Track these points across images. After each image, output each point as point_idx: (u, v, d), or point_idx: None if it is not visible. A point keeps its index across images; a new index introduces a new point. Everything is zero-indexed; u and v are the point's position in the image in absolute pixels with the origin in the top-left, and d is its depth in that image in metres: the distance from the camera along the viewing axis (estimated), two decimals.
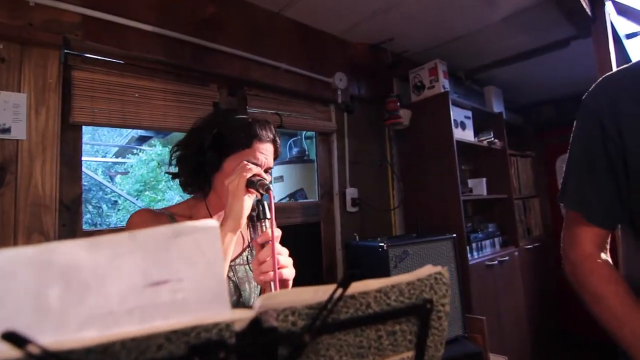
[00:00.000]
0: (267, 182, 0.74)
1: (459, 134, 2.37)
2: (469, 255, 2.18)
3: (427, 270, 0.41)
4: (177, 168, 0.95)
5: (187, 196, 1.01)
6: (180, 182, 0.95)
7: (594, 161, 0.68)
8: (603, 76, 0.71)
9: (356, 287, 0.38)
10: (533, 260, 2.84)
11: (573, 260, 0.73)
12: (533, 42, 2.39)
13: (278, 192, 2.70)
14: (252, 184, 0.76)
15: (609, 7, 1.97)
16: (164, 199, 3.90)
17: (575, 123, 0.74)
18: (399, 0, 1.84)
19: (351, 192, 2.13)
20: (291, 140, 2.81)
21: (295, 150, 2.73)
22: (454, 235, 1.90)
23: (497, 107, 2.88)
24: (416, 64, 2.47)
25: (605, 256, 0.71)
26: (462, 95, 2.57)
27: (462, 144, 2.38)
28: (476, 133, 2.63)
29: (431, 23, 2.08)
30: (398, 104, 2.22)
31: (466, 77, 2.74)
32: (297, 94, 1.99)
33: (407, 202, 2.41)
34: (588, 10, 1.89)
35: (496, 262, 2.34)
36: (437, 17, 2.02)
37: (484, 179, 2.59)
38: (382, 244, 1.62)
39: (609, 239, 0.73)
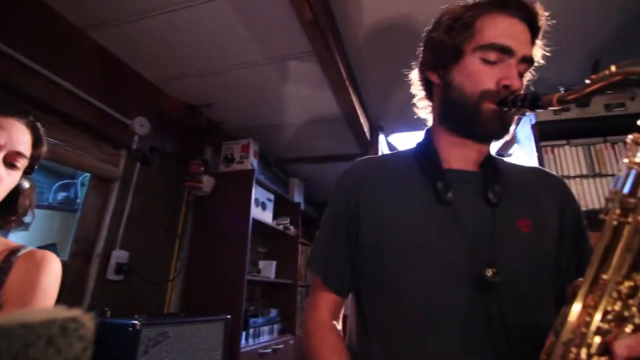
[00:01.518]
0: None
1: (258, 213, 2.41)
2: (243, 341, 2.03)
3: (48, 313, 0.26)
4: None
5: None
6: None
7: (338, 231, 0.72)
8: (357, 160, 0.80)
9: None
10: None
11: (309, 328, 0.71)
12: (331, 149, 2.83)
13: None
14: None
15: (382, 139, 2.57)
16: None
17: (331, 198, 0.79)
18: (222, 70, 1.88)
19: (119, 256, 1.75)
20: (60, 183, 2.23)
21: (61, 195, 2.16)
22: (228, 317, 1.74)
23: (298, 198, 3.15)
24: (231, 137, 2.51)
25: (337, 325, 0.72)
26: (268, 178, 2.70)
27: (260, 224, 2.42)
28: (275, 216, 2.74)
29: (250, 103, 2.20)
30: (202, 168, 2.12)
31: (275, 163, 2.95)
32: (78, 123, 1.63)
33: (190, 275, 2.15)
34: (367, 135, 2.40)
35: (270, 350, 2.25)
36: (255, 99, 2.15)
37: (274, 262, 2.63)
38: (134, 323, 1.30)
39: (343, 307, 0.75)
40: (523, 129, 1.51)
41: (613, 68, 0.44)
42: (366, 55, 1.77)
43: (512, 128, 0.64)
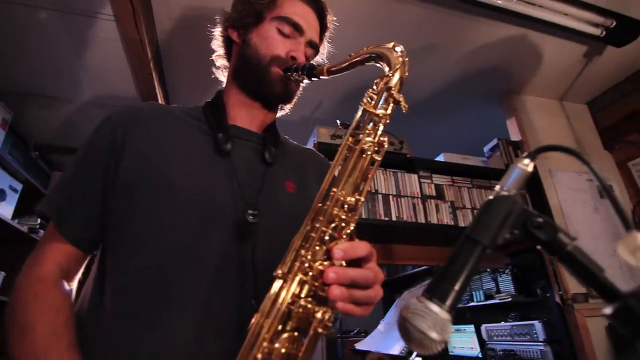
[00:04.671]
0: None
1: None
2: None
3: None
4: None
5: None
6: None
7: (92, 168, 0.60)
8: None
9: None
10: None
11: (19, 286, 0.52)
12: None
13: None
14: None
15: None
16: None
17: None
18: None
19: None
20: None
21: None
22: None
23: None
24: None
25: (67, 283, 0.56)
26: (19, 162, 2.06)
27: None
28: (20, 214, 2.08)
29: (11, 54, 1.65)
30: None
31: (37, 148, 2.30)
32: None
33: None
34: None
35: None
36: (18, 51, 1.63)
37: (3, 274, 1.94)
38: None
39: (82, 269, 0.60)
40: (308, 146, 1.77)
41: (365, 49, 0.56)
42: (178, 42, 1.68)
43: (294, 97, 0.73)
